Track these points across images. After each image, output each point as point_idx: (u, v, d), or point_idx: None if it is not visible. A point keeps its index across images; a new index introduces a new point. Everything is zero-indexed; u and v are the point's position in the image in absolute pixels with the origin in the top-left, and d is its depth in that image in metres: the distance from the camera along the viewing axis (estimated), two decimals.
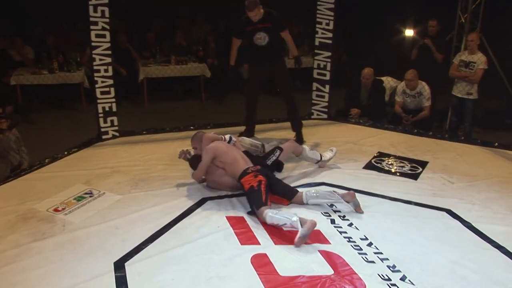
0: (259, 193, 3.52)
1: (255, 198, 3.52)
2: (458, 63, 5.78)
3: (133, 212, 3.65)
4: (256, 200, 3.51)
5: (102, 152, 5.00)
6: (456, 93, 5.88)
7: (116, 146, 5.18)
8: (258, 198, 3.51)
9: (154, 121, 6.35)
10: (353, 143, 5.27)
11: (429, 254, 3.13)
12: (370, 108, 6.24)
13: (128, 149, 5.09)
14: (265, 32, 4.87)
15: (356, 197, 3.69)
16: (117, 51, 6.97)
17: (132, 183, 4.20)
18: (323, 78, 6.02)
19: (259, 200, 3.49)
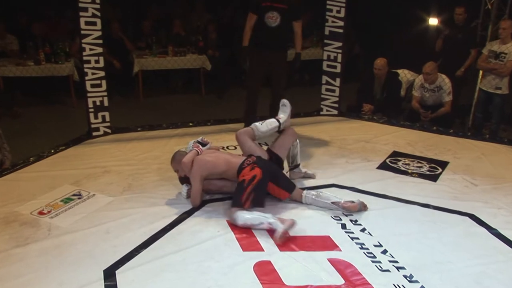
0: (241, 192, 3.52)
1: (236, 195, 3.55)
2: (487, 54, 5.71)
3: (126, 215, 3.64)
4: (236, 197, 3.54)
5: (93, 150, 4.99)
6: (483, 87, 5.83)
7: (108, 144, 5.17)
8: (238, 196, 3.52)
9: (149, 117, 6.34)
10: (366, 142, 5.25)
11: (450, 263, 3.09)
12: (384, 103, 6.22)
13: (121, 147, 5.08)
14: (279, 13, 4.91)
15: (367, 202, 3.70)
16: (109, 41, 6.98)
17: (125, 184, 4.19)
18: (334, 71, 5.99)
19: (237, 199, 3.51)
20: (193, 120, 5.90)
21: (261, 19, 4.98)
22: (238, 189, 3.58)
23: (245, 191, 3.52)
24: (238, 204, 3.49)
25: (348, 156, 4.80)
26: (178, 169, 3.87)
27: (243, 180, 3.58)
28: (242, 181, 3.58)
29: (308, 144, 5.15)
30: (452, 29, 6.43)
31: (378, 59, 6.17)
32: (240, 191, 3.55)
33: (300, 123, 5.91)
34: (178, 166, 3.85)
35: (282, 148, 4.09)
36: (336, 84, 6.03)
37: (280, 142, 4.11)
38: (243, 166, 3.70)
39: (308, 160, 4.65)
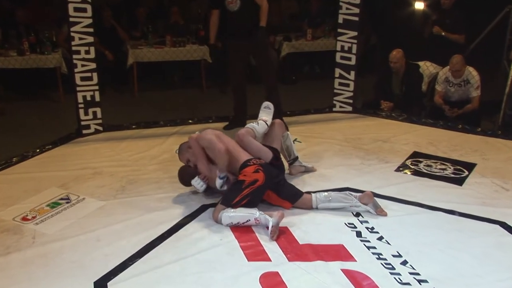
0: (237, 192, 3.59)
1: (230, 193, 3.61)
2: None
3: (119, 221, 3.63)
4: (229, 195, 3.60)
5: (82, 150, 5.00)
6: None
7: (99, 143, 5.17)
8: (231, 195, 3.59)
9: (145, 113, 6.35)
10: (384, 141, 5.23)
11: (478, 277, 3.06)
12: (404, 99, 6.18)
13: (113, 146, 5.08)
14: None
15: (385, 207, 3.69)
16: (101, 30, 6.98)
17: (118, 186, 4.19)
18: (348, 63, 5.97)
19: (229, 198, 3.58)
20: (193, 117, 5.90)
21: (224, 9, 5.16)
22: (234, 188, 3.63)
23: (241, 193, 3.57)
24: (227, 203, 3.56)
25: (363, 157, 4.78)
26: (187, 156, 3.95)
27: (243, 181, 3.62)
28: (241, 182, 3.63)
29: (319, 143, 5.14)
30: (439, 13, 6.43)
31: (394, 51, 6.13)
32: (235, 191, 3.60)
33: (310, 121, 5.90)
34: (186, 153, 3.95)
35: (275, 141, 4.21)
36: (350, 77, 6.00)
37: (271, 135, 4.22)
38: (248, 164, 3.73)
39: (319, 161, 4.64)
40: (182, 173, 4.02)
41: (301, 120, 5.87)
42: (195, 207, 3.83)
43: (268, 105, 4.36)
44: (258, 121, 4.24)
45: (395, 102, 6.21)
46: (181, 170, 4.04)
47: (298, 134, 5.31)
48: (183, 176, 4.01)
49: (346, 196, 3.74)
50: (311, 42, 8.03)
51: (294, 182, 4.07)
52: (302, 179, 4.31)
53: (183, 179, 4.02)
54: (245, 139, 4.02)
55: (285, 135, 4.33)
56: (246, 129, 4.14)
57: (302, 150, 4.87)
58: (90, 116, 5.32)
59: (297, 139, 5.13)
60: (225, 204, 3.57)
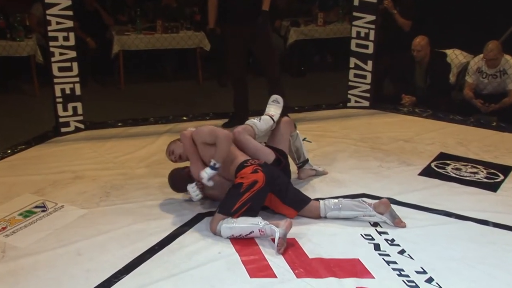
0: (235, 198, 3.57)
1: (228, 200, 3.60)
2: None
3: (103, 232, 3.63)
4: (227, 202, 3.59)
5: (61, 151, 5.00)
6: None
7: (80, 143, 5.18)
8: (229, 202, 3.57)
9: (133, 109, 6.36)
10: (406, 141, 5.24)
11: None
12: (428, 92, 6.18)
13: (96, 146, 5.09)
14: None
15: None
16: (82, 13, 6.98)
17: (101, 193, 4.20)
18: (365, 52, 5.98)
19: (228, 205, 3.57)
20: (187, 113, 5.90)
21: None
22: (232, 193, 3.62)
23: (241, 198, 3.56)
24: (226, 212, 3.54)
25: (382, 159, 4.78)
26: (176, 150, 3.91)
27: (240, 184, 3.61)
28: (239, 185, 3.61)
29: (331, 143, 5.14)
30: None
31: (417, 38, 6.12)
32: (233, 196, 3.59)
33: (321, 118, 5.91)
34: (176, 146, 3.93)
35: (282, 141, 4.18)
36: (367, 68, 6.01)
37: (277, 134, 4.19)
38: (245, 165, 3.73)
39: (332, 164, 4.63)
40: (174, 177, 4.02)
41: (310, 117, 5.88)
42: (189, 216, 3.82)
43: (277, 99, 4.35)
44: (261, 117, 4.22)
45: (418, 96, 6.20)
46: (172, 173, 4.04)
47: (308, 133, 5.30)
48: (175, 181, 4.00)
49: (359, 204, 3.73)
50: (322, 27, 8.02)
51: (303, 188, 4.08)
52: (312, 184, 4.30)
53: (174, 184, 4.01)
54: (241, 137, 4.00)
55: (294, 135, 4.31)
56: (244, 126, 4.12)
57: (313, 151, 4.87)
58: (70, 112, 5.33)
59: (306, 139, 5.12)
60: (223, 212, 3.56)
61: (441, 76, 6.23)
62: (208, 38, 5.94)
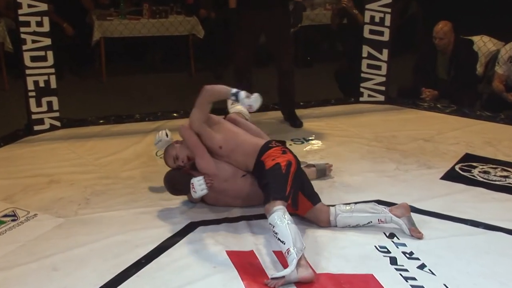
0: (283, 178, 3.54)
1: (278, 183, 3.53)
2: None
3: (82, 244, 3.61)
4: (277, 185, 3.51)
5: (34, 152, 5.00)
6: None
7: (56, 143, 5.18)
8: (281, 184, 3.51)
9: (116, 104, 6.40)
10: (426, 140, 5.25)
11: None
12: (452, 85, 6.18)
13: (75, 147, 5.09)
14: None
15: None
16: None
17: (80, 199, 4.19)
18: (379, 39, 5.99)
19: (281, 187, 3.50)
20: (178, 109, 5.90)
21: None
22: (275, 174, 3.57)
23: (288, 180, 3.54)
24: (281, 196, 3.46)
25: (399, 161, 4.78)
26: (175, 153, 3.90)
27: (278, 165, 3.59)
28: (277, 166, 3.59)
29: (341, 143, 5.15)
30: None
31: (440, 23, 6.11)
32: (279, 177, 3.55)
33: (330, 114, 5.91)
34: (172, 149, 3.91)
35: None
36: (382, 58, 6.02)
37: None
38: (270, 145, 3.77)
39: (342, 166, 4.63)
40: (172, 177, 3.97)
41: (318, 113, 5.89)
42: (181, 225, 3.81)
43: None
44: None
45: (440, 89, 6.21)
46: (170, 175, 3.99)
47: (314, 131, 5.32)
48: (174, 180, 3.95)
49: (373, 206, 3.75)
50: (331, 12, 8.02)
51: None
52: (317, 189, 4.13)
53: (173, 184, 3.96)
54: (239, 119, 4.05)
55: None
56: (235, 113, 4.18)
57: (320, 151, 4.88)
58: (44, 107, 5.33)
59: (313, 138, 5.12)
60: (278, 197, 3.45)
61: (466, 67, 6.21)
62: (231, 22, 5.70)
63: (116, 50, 7.81)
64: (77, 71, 7.58)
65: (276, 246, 3.39)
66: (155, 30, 7.53)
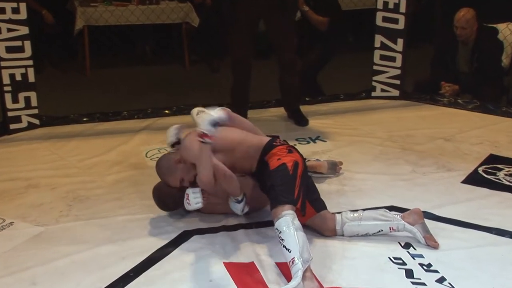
0: (291, 180, 3.53)
1: (285, 185, 3.50)
2: None
3: (63, 255, 3.60)
4: (285, 187, 3.49)
5: (10, 153, 5.02)
6: None
7: (35, 143, 5.20)
8: (288, 186, 3.50)
9: (101, 100, 6.40)
10: (446, 139, 5.26)
11: None
12: (475, 78, 6.19)
13: (56, 147, 5.10)
14: None
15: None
16: None
17: (62, 205, 4.18)
18: (394, 27, 6.00)
19: (289, 190, 3.48)
20: (170, 106, 5.91)
21: None
22: (280, 175, 3.55)
23: (296, 182, 3.53)
24: (290, 200, 3.45)
25: (416, 163, 4.78)
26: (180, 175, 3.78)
27: (284, 165, 3.57)
28: (283, 166, 3.58)
29: (351, 143, 5.17)
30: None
31: (461, 10, 6.12)
32: (286, 178, 3.53)
33: (339, 110, 5.93)
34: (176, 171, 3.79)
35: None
36: (397, 48, 6.03)
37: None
38: (275, 144, 3.76)
39: (352, 168, 4.63)
40: (161, 191, 3.96)
41: (325, 110, 5.92)
42: (173, 234, 3.81)
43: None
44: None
45: (462, 83, 6.22)
46: (159, 186, 3.98)
47: (322, 130, 5.34)
48: (163, 195, 3.95)
49: (384, 213, 3.74)
50: None
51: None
52: (324, 194, 4.13)
53: (163, 199, 3.95)
54: (234, 115, 3.98)
55: None
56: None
57: (328, 152, 4.88)
58: (21, 104, 5.34)
59: (320, 137, 5.12)
60: (287, 201, 3.43)
61: (491, 58, 6.22)
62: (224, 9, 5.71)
63: (102, 40, 7.80)
64: (58, 63, 7.58)
65: (280, 256, 3.39)
66: (145, 17, 7.53)
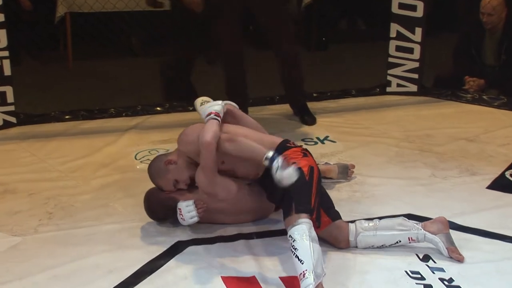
0: (308, 186, 3.53)
1: (301, 193, 3.49)
2: None
3: (43, 269, 3.60)
4: (301, 195, 3.48)
5: None
6: None
7: (12, 143, 5.21)
8: (305, 194, 3.49)
9: (85, 96, 6.42)
10: (469, 140, 5.27)
11: None
12: (503, 72, 6.20)
13: (35, 148, 5.12)
14: None
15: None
16: None
17: (41, 213, 4.19)
18: (411, 15, 6.01)
19: (305, 198, 3.48)
20: (163, 102, 5.95)
21: None
22: (298, 183, 3.48)
23: (312, 189, 3.54)
24: (306, 209, 3.44)
25: (436, 166, 4.79)
26: (171, 177, 3.81)
27: (299, 170, 3.51)
28: (298, 171, 3.52)
29: (364, 144, 5.19)
30: None
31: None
32: (302, 185, 3.50)
33: (350, 108, 5.93)
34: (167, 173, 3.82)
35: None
36: (415, 39, 6.04)
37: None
38: (288, 145, 3.77)
39: (365, 173, 4.65)
40: (150, 198, 3.96)
41: (335, 107, 5.94)
42: (166, 245, 3.81)
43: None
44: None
45: (487, 77, 6.23)
46: (151, 194, 3.98)
47: (331, 129, 5.37)
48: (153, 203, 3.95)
49: (402, 222, 3.72)
50: None
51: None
52: (334, 200, 4.17)
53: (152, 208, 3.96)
54: (238, 112, 4.02)
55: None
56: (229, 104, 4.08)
57: (338, 154, 4.89)
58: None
59: (329, 137, 5.13)
60: (303, 210, 3.43)
61: None
62: None
63: (85, 29, 7.80)
64: (37, 54, 7.59)
65: (285, 270, 3.40)
66: (134, 4, 7.54)
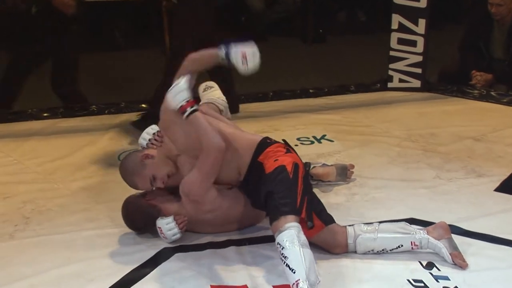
0: (293, 184, 3.53)
1: (285, 191, 3.50)
2: None
3: (19, 278, 3.60)
4: (285, 194, 3.48)
5: None
6: None
7: None
8: (289, 193, 3.49)
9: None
10: (476, 139, 5.29)
11: None
12: (511, 67, 6.21)
13: (9, 148, 5.14)
14: None
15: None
16: None
17: (17, 218, 4.20)
18: (414, 5, 6.04)
19: (290, 197, 3.48)
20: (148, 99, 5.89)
21: None
22: (278, 179, 3.53)
23: (297, 188, 3.53)
24: (292, 210, 3.43)
25: (440, 167, 4.81)
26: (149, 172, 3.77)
27: (283, 166, 3.57)
28: (281, 167, 3.57)
29: (364, 143, 5.20)
30: None
31: None
32: (286, 183, 3.52)
33: (349, 105, 5.95)
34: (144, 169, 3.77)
35: None
36: (418, 31, 6.07)
37: None
38: (269, 142, 3.78)
39: (365, 174, 4.66)
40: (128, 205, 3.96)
41: (333, 104, 5.96)
42: (151, 252, 3.81)
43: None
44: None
45: (496, 72, 6.25)
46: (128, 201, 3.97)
47: (328, 127, 5.38)
48: (134, 212, 3.94)
49: (404, 226, 3.74)
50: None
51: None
52: (331, 203, 4.24)
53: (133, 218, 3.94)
54: (211, 113, 3.98)
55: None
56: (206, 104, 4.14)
57: (336, 154, 4.90)
58: None
59: (326, 136, 5.14)
60: (289, 211, 3.41)
61: None
62: None
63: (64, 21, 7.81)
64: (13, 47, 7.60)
65: (278, 279, 3.41)
66: None
